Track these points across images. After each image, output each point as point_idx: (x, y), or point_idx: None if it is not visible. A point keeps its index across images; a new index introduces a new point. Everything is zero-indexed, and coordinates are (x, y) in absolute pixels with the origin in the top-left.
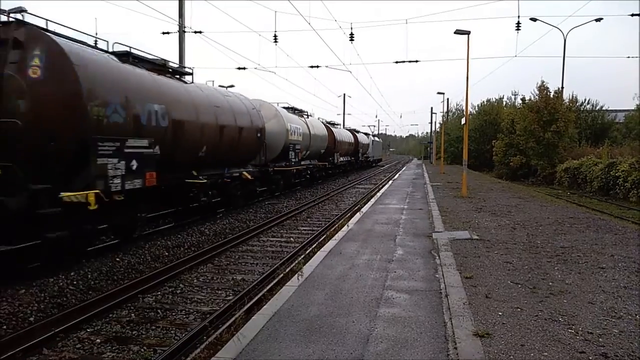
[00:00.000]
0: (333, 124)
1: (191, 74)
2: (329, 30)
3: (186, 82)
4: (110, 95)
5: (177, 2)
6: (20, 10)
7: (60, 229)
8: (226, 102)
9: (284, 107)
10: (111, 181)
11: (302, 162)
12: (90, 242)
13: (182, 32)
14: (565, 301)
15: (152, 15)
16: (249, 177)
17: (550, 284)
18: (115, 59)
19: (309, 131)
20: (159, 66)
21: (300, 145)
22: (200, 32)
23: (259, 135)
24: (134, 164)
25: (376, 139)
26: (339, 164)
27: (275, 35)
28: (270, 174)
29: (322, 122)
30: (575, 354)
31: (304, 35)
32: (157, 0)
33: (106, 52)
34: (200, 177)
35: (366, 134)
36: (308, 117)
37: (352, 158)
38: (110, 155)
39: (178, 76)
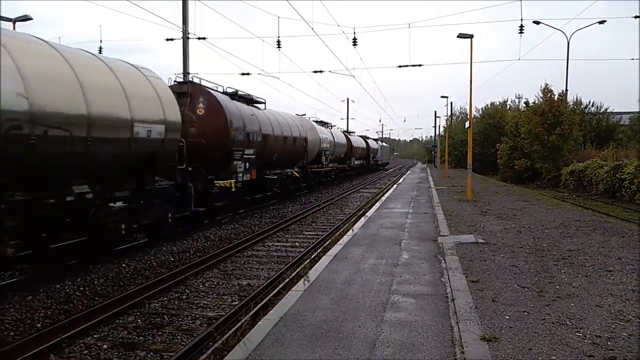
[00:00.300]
0: (349, 132)
1: (264, 102)
2: (332, 35)
3: (262, 109)
4: (237, 123)
5: (181, 8)
6: (26, 18)
7: (220, 200)
8: (284, 120)
9: (314, 121)
10: (238, 175)
11: (329, 165)
12: (237, 210)
13: (186, 38)
14: (572, 304)
15: (156, 22)
16: (297, 175)
17: (557, 287)
18: (228, 98)
19: (334, 139)
20: (249, 100)
21: (328, 151)
22: (204, 38)
23: (304, 144)
24: (247, 165)
25: (384, 144)
26: (355, 167)
27: (278, 41)
28: (309, 173)
29: (341, 131)
30: (584, 357)
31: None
32: (159, 0)
33: (223, 92)
34: (272, 175)
35: (375, 139)
36: (331, 128)
37: (364, 161)
38: (237, 159)
39: (257, 104)
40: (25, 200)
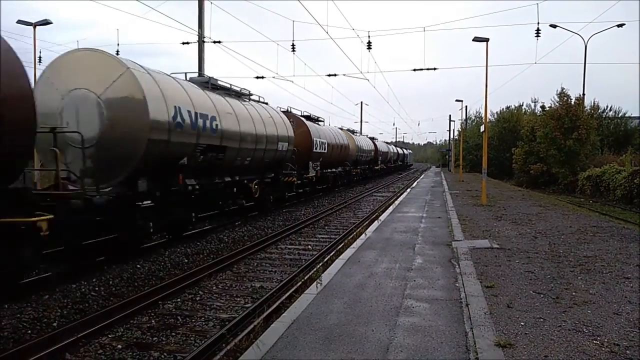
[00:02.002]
0: (374, 139)
1: (323, 120)
2: (346, 38)
3: (323, 125)
4: (315, 137)
5: (197, 13)
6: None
7: (306, 187)
8: (338, 133)
9: (349, 130)
10: (313, 172)
11: (359, 168)
12: (312, 192)
13: (201, 42)
14: (589, 311)
15: (172, 26)
16: (342, 174)
17: (574, 293)
18: (306, 119)
19: (365, 146)
20: (317, 119)
21: (363, 156)
22: (219, 42)
23: (348, 151)
24: (318, 165)
25: (410, 151)
26: (379, 169)
27: (293, 45)
28: (351, 172)
29: (368, 138)
30: None
31: (322, 44)
32: (176, 1)
33: (301, 116)
34: (328, 172)
35: (402, 145)
36: (360, 136)
37: (385, 165)
38: (314, 162)
39: (320, 122)
40: (226, 181)
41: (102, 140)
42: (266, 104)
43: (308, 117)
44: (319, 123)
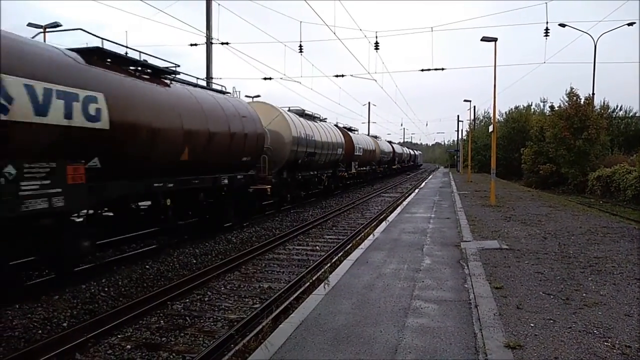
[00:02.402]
0: (391, 142)
1: (357, 130)
2: (354, 39)
3: (358, 133)
4: (356, 144)
5: (205, 14)
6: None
7: (350, 180)
8: (369, 139)
9: (367, 135)
10: (354, 170)
11: (381, 167)
12: (354, 184)
13: (209, 43)
14: (600, 313)
15: (181, 28)
16: (369, 171)
17: (584, 295)
18: (347, 130)
19: (385, 149)
20: (352, 129)
21: (384, 157)
22: (227, 43)
23: (375, 154)
24: (356, 164)
25: (419, 152)
26: (396, 168)
27: (300, 45)
28: (376, 170)
29: (387, 142)
30: None
31: (329, 44)
32: (184, 1)
33: (343, 127)
34: (362, 170)
35: (411, 145)
36: (382, 141)
37: (400, 165)
38: (354, 162)
39: (356, 131)
40: (311, 174)
41: (271, 152)
42: (324, 121)
43: (349, 129)
44: (355, 132)
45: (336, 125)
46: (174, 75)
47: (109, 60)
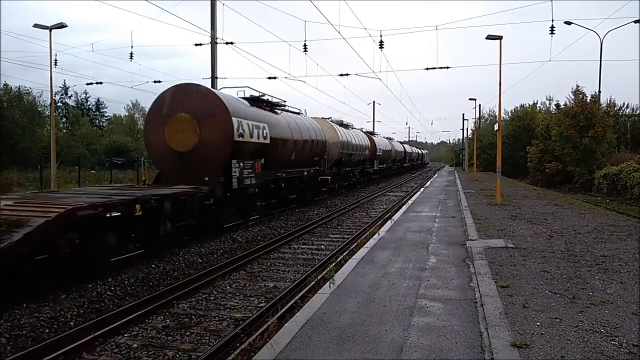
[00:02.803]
0: (403, 142)
1: (379, 134)
2: (358, 38)
3: (377, 134)
4: (379, 146)
5: (210, 14)
6: (62, 25)
7: (375, 175)
8: (386, 140)
9: (384, 137)
10: (376, 167)
11: (395, 164)
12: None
13: (214, 43)
14: (607, 312)
15: (185, 28)
16: (384, 168)
17: (591, 293)
18: (370, 133)
19: (399, 149)
20: (372, 132)
21: (398, 156)
22: (231, 42)
23: (390, 153)
24: (377, 162)
25: (426, 151)
26: (407, 165)
27: (305, 45)
28: (391, 167)
29: (399, 142)
30: None
31: (334, 43)
32: (189, 1)
33: (361, 129)
34: (380, 167)
35: (417, 145)
36: (396, 142)
37: (410, 163)
38: (376, 160)
39: (377, 134)
40: (347, 170)
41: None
42: (347, 126)
43: (372, 133)
44: (376, 135)
45: (361, 130)
46: (283, 106)
47: (259, 102)
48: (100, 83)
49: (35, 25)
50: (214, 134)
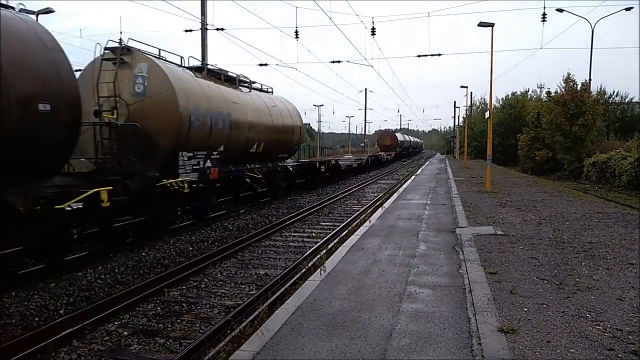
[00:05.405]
0: (405, 134)
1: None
2: (350, 25)
3: (396, 130)
4: (401, 139)
5: (200, 0)
6: (48, 11)
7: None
8: (396, 134)
9: (390, 130)
10: (393, 155)
11: (404, 152)
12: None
13: (204, 29)
14: (592, 297)
15: (175, 14)
16: (394, 155)
17: (577, 279)
18: (402, 133)
19: (401, 139)
20: (408, 131)
21: (403, 145)
22: (222, 29)
23: (398, 142)
24: (395, 150)
25: (419, 139)
26: (403, 153)
27: (296, 31)
28: (400, 154)
29: (402, 133)
30: (604, 351)
31: (325, 30)
32: None
33: (397, 130)
34: (389, 156)
35: (410, 132)
36: (399, 132)
37: (407, 151)
38: (395, 148)
39: (410, 134)
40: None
41: None
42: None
43: (404, 132)
44: (404, 134)
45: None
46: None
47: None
48: None
49: (22, 10)
50: None
